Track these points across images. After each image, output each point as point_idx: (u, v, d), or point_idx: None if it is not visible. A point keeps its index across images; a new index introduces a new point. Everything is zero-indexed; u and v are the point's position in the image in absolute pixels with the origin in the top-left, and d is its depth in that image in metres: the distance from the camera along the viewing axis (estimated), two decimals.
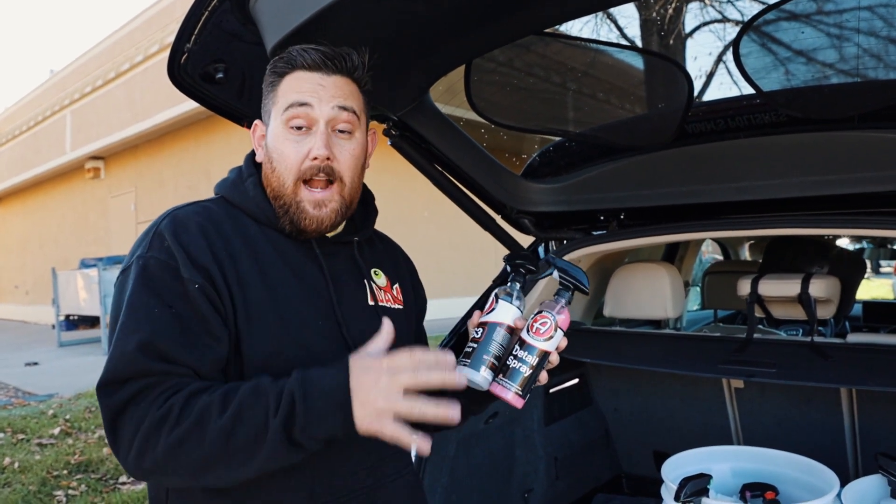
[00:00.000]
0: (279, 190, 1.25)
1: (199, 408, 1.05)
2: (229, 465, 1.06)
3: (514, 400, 1.24)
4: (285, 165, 1.24)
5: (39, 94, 17.76)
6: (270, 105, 1.27)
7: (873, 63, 1.86)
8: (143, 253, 1.17)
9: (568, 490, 2.76)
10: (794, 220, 2.13)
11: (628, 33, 9.03)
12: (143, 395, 1.08)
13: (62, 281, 11.99)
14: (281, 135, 1.24)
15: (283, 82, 1.26)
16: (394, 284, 1.43)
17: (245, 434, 1.04)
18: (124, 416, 1.07)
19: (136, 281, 1.14)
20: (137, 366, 1.08)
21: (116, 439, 1.08)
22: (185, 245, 1.17)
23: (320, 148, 1.22)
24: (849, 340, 2.16)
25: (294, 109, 1.22)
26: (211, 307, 1.15)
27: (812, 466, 1.90)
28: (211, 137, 11.51)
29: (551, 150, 2.63)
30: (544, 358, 1.26)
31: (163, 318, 1.11)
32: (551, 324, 1.26)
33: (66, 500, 4.13)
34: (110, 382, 1.09)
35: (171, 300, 1.13)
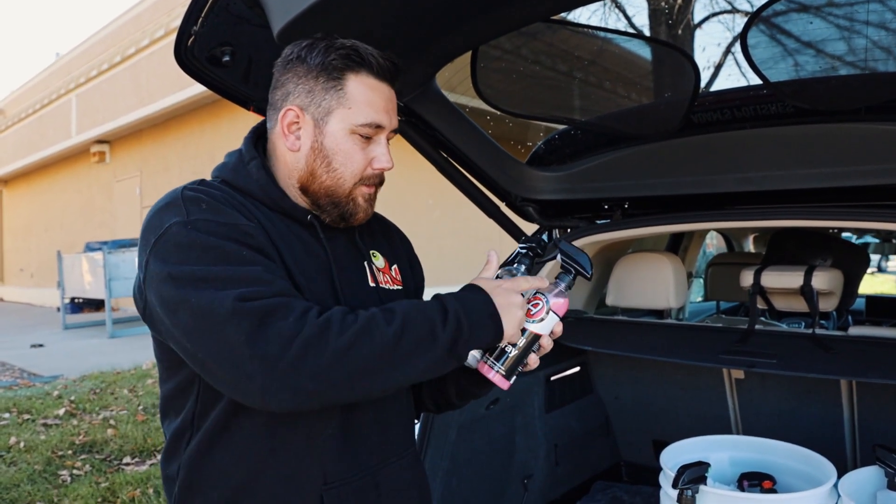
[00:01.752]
0: (333, 188, 1.27)
1: (363, 319, 1.10)
2: (391, 370, 1.10)
3: (498, 380, 1.26)
4: (350, 169, 1.27)
5: (45, 78, 17.76)
6: (332, 103, 1.24)
7: (881, 55, 1.85)
8: (184, 218, 1.13)
9: (567, 477, 2.78)
10: (799, 211, 2.13)
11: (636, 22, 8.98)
12: (287, 308, 1.07)
13: (67, 264, 12.04)
14: (346, 138, 1.25)
15: (351, 83, 1.24)
16: (392, 265, 1.44)
17: (413, 341, 1.11)
18: (271, 325, 1.04)
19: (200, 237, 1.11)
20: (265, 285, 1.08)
21: (262, 347, 1.03)
22: (222, 209, 1.16)
23: (389, 162, 1.30)
24: (850, 333, 2.17)
25: (370, 129, 1.26)
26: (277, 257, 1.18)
27: (810, 457, 1.91)
28: (217, 122, 11.50)
29: (556, 138, 2.63)
30: (534, 340, 1.26)
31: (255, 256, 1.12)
32: (543, 306, 1.26)
33: (71, 480, 4.17)
34: (247, 296, 1.05)
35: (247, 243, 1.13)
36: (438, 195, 11.50)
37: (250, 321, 1.04)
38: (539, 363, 1.31)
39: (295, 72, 1.26)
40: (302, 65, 1.25)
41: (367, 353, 1.07)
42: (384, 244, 1.47)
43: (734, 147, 2.22)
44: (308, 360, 1.04)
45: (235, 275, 1.08)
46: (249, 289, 1.07)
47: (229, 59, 1.66)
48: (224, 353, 1.05)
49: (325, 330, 1.06)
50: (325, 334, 1.06)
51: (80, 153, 15.72)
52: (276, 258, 1.17)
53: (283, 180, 1.30)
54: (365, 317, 1.10)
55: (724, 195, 2.35)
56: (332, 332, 1.06)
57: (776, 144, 2.15)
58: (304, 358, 1.04)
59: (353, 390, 1.10)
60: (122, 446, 4.76)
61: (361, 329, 1.08)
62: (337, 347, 1.05)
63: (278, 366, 1.03)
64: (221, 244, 1.11)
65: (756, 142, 2.18)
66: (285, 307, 1.07)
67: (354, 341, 1.07)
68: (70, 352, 9.12)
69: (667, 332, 2.51)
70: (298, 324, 1.05)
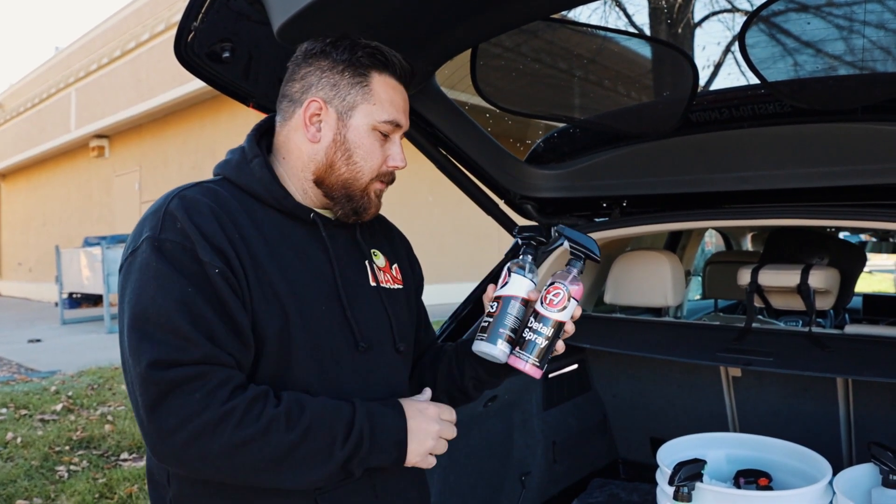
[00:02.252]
0: (351, 182, 1.30)
1: (266, 417, 1.10)
2: (279, 476, 1.13)
3: (531, 371, 1.29)
4: (369, 164, 1.30)
5: (45, 72, 17.73)
6: (357, 98, 1.27)
7: (878, 55, 1.86)
8: (155, 235, 1.14)
9: (565, 474, 2.79)
10: (796, 211, 2.14)
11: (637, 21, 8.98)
12: (199, 380, 1.07)
13: (65, 259, 12.03)
14: (368, 133, 1.29)
15: (376, 81, 1.29)
16: (392, 264, 1.45)
17: (308, 453, 1.13)
18: (174, 398, 1.06)
19: (159, 262, 1.12)
20: (189, 347, 1.08)
21: (158, 419, 1.06)
22: (200, 226, 1.15)
23: (403, 160, 1.34)
24: (846, 331, 2.17)
25: (390, 126, 1.30)
26: (231, 291, 1.15)
27: (805, 454, 1.92)
28: (216, 117, 11.50)
29: (555, 136, 2.64)
30: (559, 328, 1.30)
31: (197, 299, 1.11)
32: (564, 294, 1.29)
33: (68, 476, 4.18)
34: (161, 361, 1.06)
35: (197, 281, 1.12)
36: (438, 192, 11.51)
37: (156, 391, 1.06)
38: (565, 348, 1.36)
39: (318, 65, 1.28)
40: (326, 59, 1.28)
41: (258, 455, 1.10)
42: (385, 244, 1.48)
43: (732, 146, 2.22)
44: (199, 444, 1.07)
45: (166, 324, 1.09)
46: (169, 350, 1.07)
47: (229, 55, 1.66)
48: (134, 402, 1.10)
49: (225, 419, 1.07)
50: (223, 423, 1.07)
51: (80, 147, 15.72)
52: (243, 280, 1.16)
53: (292, 175, 1.31)
54: (269, 416, 1.10)
55: (721, 194, 2.36)
56: (230, 422, 1.08)
57: (774, 144, 2.16)
58: (196, 441, 1.07)
59: (236, 480, 1.14)
60: (120, 442, 4.77)
61: (261, 429, 1.09)
62: (231, 442, 1.08)
63: (171, 440, 1.07)
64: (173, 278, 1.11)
65: (754, 141, 2.19)
66: (196, 380, 1.07)
67: (249, 440, 1.08)
68: (68, 347, 9.12)
69: (664, 330, 2.51)
70: (201, 403, 1.07)
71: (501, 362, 1.31)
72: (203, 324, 1.10)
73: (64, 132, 15.65)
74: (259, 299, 1.18)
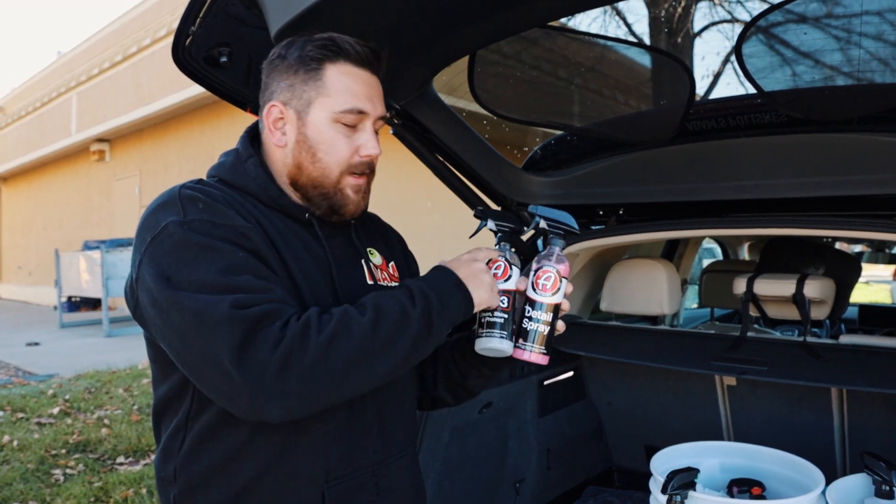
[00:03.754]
0: (320, 179, 1.27)
1: (338, 314, 1.12)
2: (374, 358, 1.11)
3: (538, 359, 1.27)
4: (335, 158, 1.26)
5: (46, 76, 17.76)
6: (312, 93, 1.25)
7: (875, 66, 1.87)
8: (180, 218, 1.13)
9: (560, 481, 2.79)
10: (792, 220, 2.14)
11: (636, 30, 9.01)
12: (276, 314, 1.08)
13: (65, 262, 12.02)
14: (329, 127, 1.26)
15: (329, 72, 1.25)
16: (389, 262, 1.45)
17: (389, 324, 1.13)
18: (261, 330, 1.05)
19: (198, 237, 1.11)
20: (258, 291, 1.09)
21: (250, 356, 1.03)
22: (220, 210, 1.16)
23: (376, 147, 1.29)
24: (841, 341, 2.18)
25: (353, 115, 1.25)
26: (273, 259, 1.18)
27: (799, 464, 1.92)
28: (217, 122, 11.51)
29: (553, 143, 2.64)
30: (557, 310, 1.28)
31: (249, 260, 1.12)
32: (554, 276, 1.27)
33: (64, 479, 4.17)
34: (241, 304, 1.06)
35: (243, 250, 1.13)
36: (437, 198, 11.51)
37: (243, 327, 1.04)
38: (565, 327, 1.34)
39: (276, 70, 1.28)
40: (282, 62, 1.27)
41: (349, 346, 1.09)
42: (380, 242, 1.48)
43: (728, 155, 2.23)
44: (292, 362, 1.04)
45: (229, 280, 1.08)
46: (243, 295, 1.07)
47: (227, 59, 1.67)
48: (215, 359, 1.04)
49: (306, 330, 1.07)
50: (305, 335, 1.07)
51: (80, 151, 15.72)
52: (272, 260, 1.18)
53: (278, 179, 1.31)
54: (339, 312, 1.13)
55: (718, 203, 2.36)
56: (311, 331, 1.07)
57: (770, 153, 2.17)
58: (289, 360, 1.04)
59: (340, 386, 1.10)
60: (116, 446, 4.76)
61: (338, 324, 1.10)
62: (318, 345, 1.07)
63: (267, 370, 1.03)
64: (217, 245, 1.11)
65: (750, 150, 2.20)
66: (275, 314, 1.08)
67: (333, 336, 1.08)
68: (66, 350, 9.11)
69: (660, 339, 2.52)
70: (283, 330, 1.07)
71: (507, 355, 1.29)
72: (261, 278, 1.12)
73: (65, 136, 15.67)
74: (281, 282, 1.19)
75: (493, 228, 1.38)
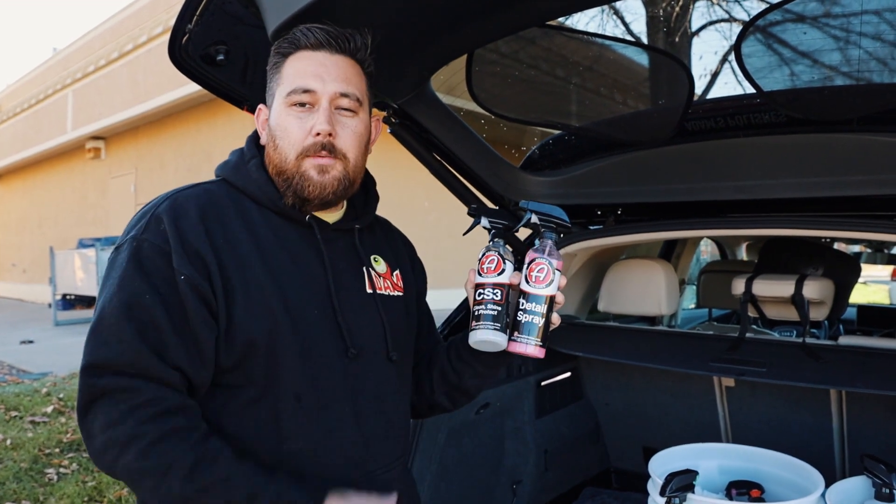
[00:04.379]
0: (281, 165, 1.26)
1: (170, 457, 1.08)
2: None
3: (535, 352, 1.26)
4: (288, 141, 1.25)
5: (42, 72, 17.69)
6: (275, 87, 1.28)
7: (874, 66, 1.86)
8: (138, 234, 1.17)
9: (557, 482, 2.78)
10: (790, 221, 2.13)
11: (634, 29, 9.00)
12: (126, 394, 1.08)
13: (60, 260, 11.99)
14: (283, 112, 1.26)
15: (287, 63, 1.27)
16: (394, 271, 1.43)
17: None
18: (102, 405, 1.08)
19: (130, 262, 1.14)
20: (127, 358, 1.09)
21: (85, 421, 1.10)
22: (182, 231, 1.17)
23: (322, 123, 1.23)
24: (840, 343, 2.17)
25: (299, 94, 1.24)
26: (199, 302, 1.14)
27: (798, 466, 1.91)
28: (213, 120, 11.48)
29: (551, 143, 2.63)
30: (551, 303, 1.27)
31: (154, 306, 1.12)
32: (547, 268, 1.26)
33: (58, 478, 4.15)
34: (96, 366, 1.09)
35: (162, 287, 1.13)
36: (435, 198, 11.50)
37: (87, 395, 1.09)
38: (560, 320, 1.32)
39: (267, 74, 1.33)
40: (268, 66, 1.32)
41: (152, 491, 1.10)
42: (386, 248, 1.45)
43: (727, 155, 2.22)
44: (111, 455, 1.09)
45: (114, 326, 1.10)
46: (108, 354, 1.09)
47: (224, 58, 1.65)
48: None
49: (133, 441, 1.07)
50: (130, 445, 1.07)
51: (76, 149, 15.67)
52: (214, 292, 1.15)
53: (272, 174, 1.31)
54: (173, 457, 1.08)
55: (716, 203, 2.35)
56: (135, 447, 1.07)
57: (769, 153, 2.16)
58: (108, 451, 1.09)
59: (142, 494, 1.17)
60: None
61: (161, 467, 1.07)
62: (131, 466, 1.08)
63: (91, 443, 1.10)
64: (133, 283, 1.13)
65: (749, 150, 2.19)
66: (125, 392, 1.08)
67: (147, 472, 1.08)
68: (60, 349, 9.07)
69: (658, 339, 2.51)
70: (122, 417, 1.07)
71: (501, 349, 1.28)
72: (152, 333, 1.11)
73: (60, 133, 15.61)
74: (245, 304, 1.17)
75: (486, 226, 1.36)
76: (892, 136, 1.95)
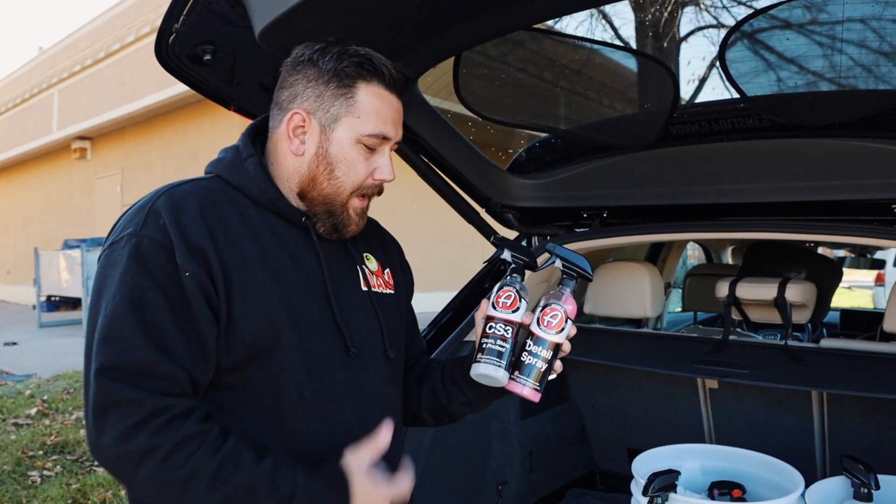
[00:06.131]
0: (332, 196, 1.26)
1: (190, 467, 1.06)
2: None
3: (530, 395, 1.26)
4: (352, 179, 1.26)
5: (27, 72, 17.55)
6: (341, 110, 1.23)
7: (856, 73, 1.89)
8: (137, 230, 1.13)
9: (542, 483, 2.78)
10: (773, 225, 2.16)
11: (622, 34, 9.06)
12: (135, 405, 1.05)
13: (44, 261, 11.89)
14: (352, 146, 1.25)
15: (362, 92, 1.24)
16: (385, 269, 1.44)
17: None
18: (114, 415, 1.05)
19: (130, 259, 1.11)
20: (136, 358, 1.07)
21: (97, 430, 1.06)
22: (183, 226, 1.14)
23: (391, 174, 1.28)
24: (822, 345, 2.19)
25: (376, 140, 1.25)
26: (202, 298, 1.12)
27: (779, 466, 1.93)
28: (200, 121, 11.44)
29: (537, 146, 2.65)
30: (557, 350, 1.27)
31: (158, 304, 1.09)
32: (561, 315, 1.26)
33: (41, 481, 4.12)
34: (107, 368, 1.06)
35: (166, 284, 1.11)
36: (423, 202, 11.49)
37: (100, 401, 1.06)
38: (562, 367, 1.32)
39: (305, 74, 1.25)
40: (313, 68, 1.24)
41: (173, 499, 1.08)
42: (377, 248, 1.46)
43: (712, 159, 2.24)
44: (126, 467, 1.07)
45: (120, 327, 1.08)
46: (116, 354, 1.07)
47: (211, 57, 1.66)
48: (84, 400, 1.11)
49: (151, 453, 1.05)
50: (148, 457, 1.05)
51: (61, 149, 15.56)
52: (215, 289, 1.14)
53: (282, 182, 1.29)
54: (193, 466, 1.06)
55: (701, 206, 2.37)
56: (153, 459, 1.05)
57: (753, 157, 2.18)
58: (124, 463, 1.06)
59: None
60: None
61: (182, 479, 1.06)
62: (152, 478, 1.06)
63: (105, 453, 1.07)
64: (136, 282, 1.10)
65: (733, 154, 2.21)
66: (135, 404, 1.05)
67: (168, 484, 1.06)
68: (44, 350, 9.00)
69: (643, 342, 2.53)
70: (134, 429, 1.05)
71: (501, 385, 1.27)
72: (158, 332, 1.09)
73: (46, 133, 15.49)
74: (245, 302, 1.16)
75: (507, 259, 1.35)
76: (873, 141, 1.98)
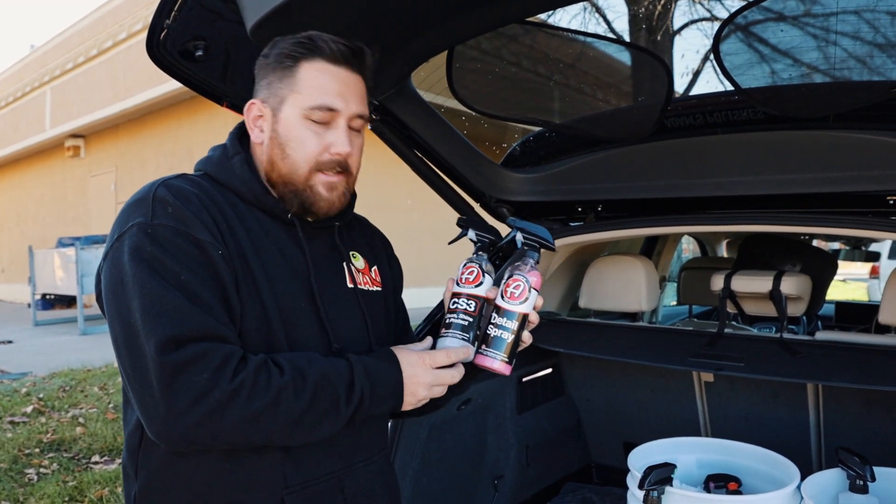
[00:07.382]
0: (290, 176, 1.27)
1: (274, 388, 1.11)
2: (291, 437, 1.17)
3: (501, 368, 1.27)
4: (303, 155, 1.26)
5: (19, 70, 17.46)
6: (285, 90, 1.25)
7: (850, 64, 1.88)
8: (147, 220, 1.14)
9: (538, 477, 2.79)
10: (768, 217, 2.16)
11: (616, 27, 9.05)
12: (203, 360, 1.07)
13: (39, 260, 11.85)
14: (300, 124, 1.25)
15: (303, 69, 1.24)
16: (372, 267, 1.45)
17: (317, 415, 1.15)
18: (183, 380, 1.06)
19: (152, 246, 1.12)
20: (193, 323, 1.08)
21: (171, 398, 1.06)
22: (192, 211, 1.16)
23: (345, 145, 1.26)
24: (817, 338, 2.19)
25: (323, 112, 1.24)
26: (229, 271, 1.16)
27: (775, 459, 1.93)
28: (194, 118, 11.40)
29: (531, 140, 2.64)
30: (524, 320, 1.28)
31: (193, 282, 1.11)
32: (524, 286, 1.27)
33: (38, 479, 4.11)
34: (171, 340, 1.07)
35: (193, 266, 1.12)
36: (417, 196, 11.49)
37: (166, 373, 1.06)
38: (532, 339, 1.34)
39: (261, 68, 1.29)
40: (265, 60, 1.28)
41: (271, 425, 1.12)
42: (364, 245, 1.47)
43: (706, 152, 2.24)
44: (212, 423, 1.08)
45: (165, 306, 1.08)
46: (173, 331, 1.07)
47: (202, 53, 1.65)
48: (139, 382, 1.09)
49: (236, 395, 1.08)
50: (234, 400, 1.08)
51: (55, 147, 15.50)
52: (226, 275, 1.16)
53: (263, 177, 1.31)
54: (276, 387, 1.12)
55: (696, 199, 2.37)
56: (241, 398, 1.09)
57: (748, 150, 2.18)
58: (209, 420, 1.07)
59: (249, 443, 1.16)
60: (91, 445, 4.70)
61: (272, 401, 1.11)
62: (244, 416, 1.09)
63: (182, 420, 1.07)
64: (168, 261, 1.11)
65: (728, 147, 2.21)
66: (201, 360, 1.07)
67: (261, 412, 1.11)
68: (40, 348, 8.98)
69: (638, 335, 2.52)
70: (210, 383, 1.07)
71: (468, 360, 1.29)
72: (201, 303, 1.11)
73: (39, 131, 15.42)
74: (244, 289, 1.18)
75: (472, 238, 1.38)
76: (868, 133, 1.97)
